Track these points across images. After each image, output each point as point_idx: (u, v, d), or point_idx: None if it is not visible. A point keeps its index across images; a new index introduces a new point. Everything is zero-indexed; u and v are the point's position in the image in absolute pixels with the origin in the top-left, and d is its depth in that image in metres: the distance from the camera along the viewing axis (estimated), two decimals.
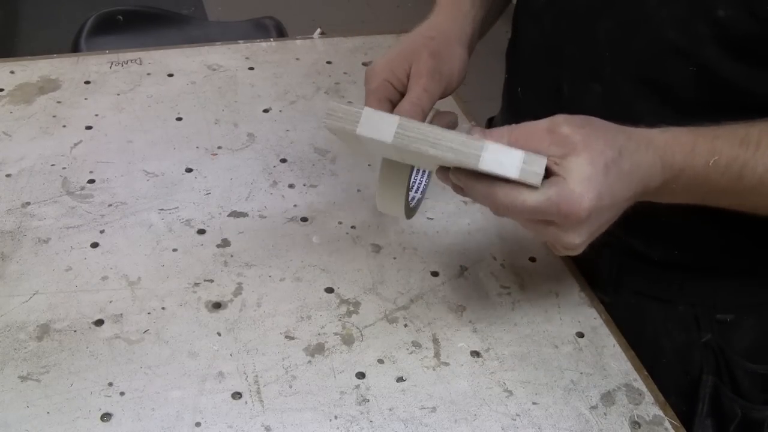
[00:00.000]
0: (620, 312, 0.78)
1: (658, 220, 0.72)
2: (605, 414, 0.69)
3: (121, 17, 1.62)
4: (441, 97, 0.72)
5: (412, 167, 0.68)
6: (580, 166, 0.57)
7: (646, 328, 0.81)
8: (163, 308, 0.74)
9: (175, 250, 0.80)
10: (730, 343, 0.79)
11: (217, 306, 0.75)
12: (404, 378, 0.70)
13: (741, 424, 0.76)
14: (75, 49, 1.53)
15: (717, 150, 0.62)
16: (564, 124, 0.58)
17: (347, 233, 0.85)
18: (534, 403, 0.69)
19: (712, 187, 0.63)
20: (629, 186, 0.59)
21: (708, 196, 0.65)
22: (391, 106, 0.70)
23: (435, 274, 0.80)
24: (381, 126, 0.59)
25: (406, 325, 0.75)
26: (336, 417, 0.66)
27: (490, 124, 1.02)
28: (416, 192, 0.78)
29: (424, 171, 0.79)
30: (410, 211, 0.74)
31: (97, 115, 0.98)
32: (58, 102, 0.99)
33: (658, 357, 0.78)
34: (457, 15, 0.77)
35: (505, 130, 0.59)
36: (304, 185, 0.90)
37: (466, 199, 0.91)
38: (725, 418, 0.77)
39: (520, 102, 0.88)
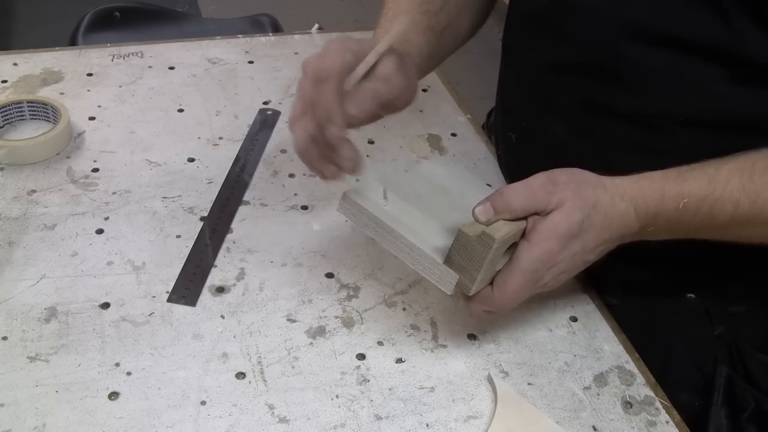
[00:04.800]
0: (629, 314, 0.80)
1: None
2: (598, 394, 0.71)
3: (118, 14, 1.63)
4: (390, 107, 0.74)
5: None
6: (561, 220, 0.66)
7: (657, 327, 0.81)
8: (167, 292, 0.76)
9: (178, 236, 0.82)
10: (742, 335, 0.80)
11: (221, 290, 0.77)
12: (403, 359, 0.72)
13: (754, 414, 0.77)
14: (73, 45, 1.55)
15: (686, 193, 0.67)
16: (560, 184, 0.66)
17: (346, 221, 0.86)
18: (529, 384, 0.71)
19: (689, 226, 0.69)
20: (600, 235, 0.67)
21: (688, 232, 0.70)
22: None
23: None
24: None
25: (404, 309, 0.77)
26: (337, 396, 0.68)
27: (489, 117, 1.04)
28: None
29: None
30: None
31: (99, 106, 1.00)
32: (61, 93, 1.01)
33: (671, 354, 0.79)
34: (410, 48, 0.78)
35: (506, 196, 0.66)
36: (304, 175, 0.92)
37: None
38: (739, 407, 0.77)
39: (515, 99, 0.89)
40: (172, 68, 1.09)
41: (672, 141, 0.73)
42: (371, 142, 0.99)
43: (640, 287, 0.82)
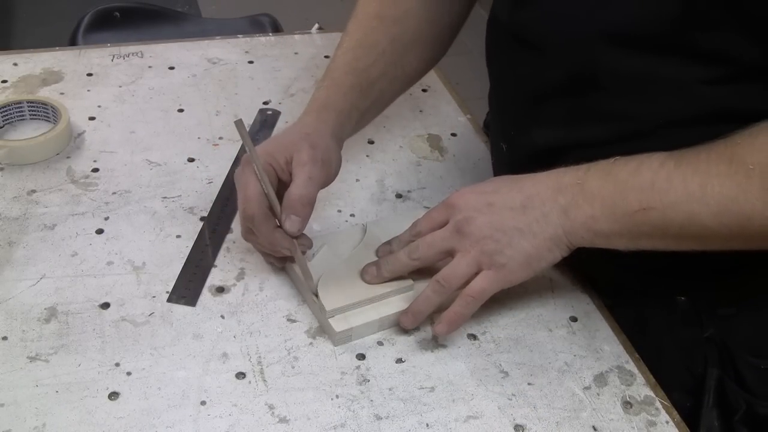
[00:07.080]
0: (622, 314, 0.80)
1: None
2: (598, 394, 0.71)
3: (118, 14, 1.63)
4: (322, 187, 0.77)
5: None
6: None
7: (649, 327, 0.81)
8: (167, 292, 0.76)
9: (178, 236, 0.82)
10: (732, 337, 0.80)
11: (221, 290, 0.77)
12: (403, 359, 0.72)
13: (745, 417, 0.77)
14: (72, 45, 1.55)
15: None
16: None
17: (346, 221, 0.87)
18: (529, 384, 0.71)
19: (626, 184, 0.69)
20: (514, 184, 0.72)
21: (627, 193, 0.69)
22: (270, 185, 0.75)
23: None
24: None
25: None
26: (337, 396, 0.68)
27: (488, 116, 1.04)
28: None
29: None
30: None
31: (99, 106, 1.00)
32: (61, 93, 1.01)
33: (661, 355, 0.79)
34: (328, 115, 0.81)
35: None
36: None
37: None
38: (730, 409, 0.77)
39: (503, 105, 0.89)
40: (172, 68, 1.09)
41: (654, 142, 0.73)
42: (371, 142, 0.99)
43: (631, 289, 0.82)
